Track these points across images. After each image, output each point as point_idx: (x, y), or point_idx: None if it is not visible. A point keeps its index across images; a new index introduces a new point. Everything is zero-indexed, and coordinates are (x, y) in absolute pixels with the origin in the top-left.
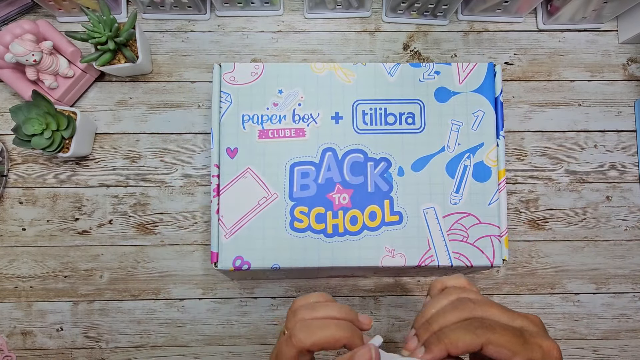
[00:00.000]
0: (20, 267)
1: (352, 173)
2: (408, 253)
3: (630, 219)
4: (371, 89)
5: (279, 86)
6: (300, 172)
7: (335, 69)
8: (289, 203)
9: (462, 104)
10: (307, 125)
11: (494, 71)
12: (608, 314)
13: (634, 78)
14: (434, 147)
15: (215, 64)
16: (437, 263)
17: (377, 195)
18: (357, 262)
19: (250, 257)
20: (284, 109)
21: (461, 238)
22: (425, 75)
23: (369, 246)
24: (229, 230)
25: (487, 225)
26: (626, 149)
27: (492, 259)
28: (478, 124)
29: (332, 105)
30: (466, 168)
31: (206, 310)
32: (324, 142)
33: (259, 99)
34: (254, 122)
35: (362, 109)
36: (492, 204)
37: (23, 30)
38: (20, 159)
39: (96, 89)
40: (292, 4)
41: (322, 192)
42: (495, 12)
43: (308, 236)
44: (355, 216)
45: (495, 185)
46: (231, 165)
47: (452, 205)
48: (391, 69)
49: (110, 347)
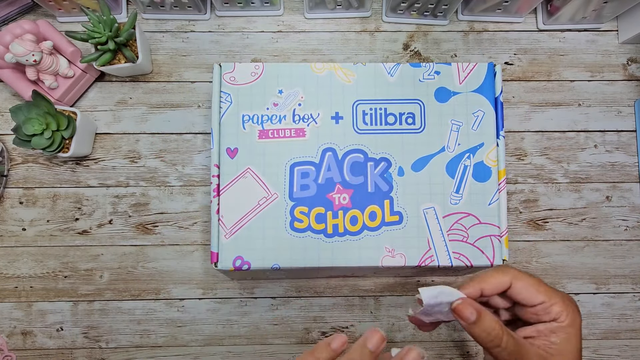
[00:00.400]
0: (20, 267)
1: (352, 173)
2: (408, 253)
3: (630, 219)
4: (371, 89)
5: (279, 86)
6: (300, 172)
7: (335, 69)
8: (289, 203)
9: (462, 104)
10: (307, 125)
11: (494, 71)
12: (608, 314)
13: (634, 78)
14: (434, 147)
15: (215, 64)
16: (437, 263)
17: (377, 195)
18: (357, 262)
19: (250, 257)
20: (284, 109)
21: (461, 238)
22: (425, 75)
23: (369, 246)
24: (229, 230)
25: (487, 225)
26: (626, 149)
27: (492, 259)
28: (478, 124)
29: (332, 105)
30: (466, 168)
31: (206, 310)
32: (324, 142)
33: (259, 99)
34: (254, 122)
35: (362, 109)
36: (492, 204)
37: (23, 30)
38: (20, 159)
39: (96, 89)
40: (292, 4)
41: (322, 192)
42: (495, 12)
43: (308, 236)
44: (355, 216)
45: (496, 185)
46: (231, 165)
47: (452, 205)
48: (391, 69)
49: (110, 347)
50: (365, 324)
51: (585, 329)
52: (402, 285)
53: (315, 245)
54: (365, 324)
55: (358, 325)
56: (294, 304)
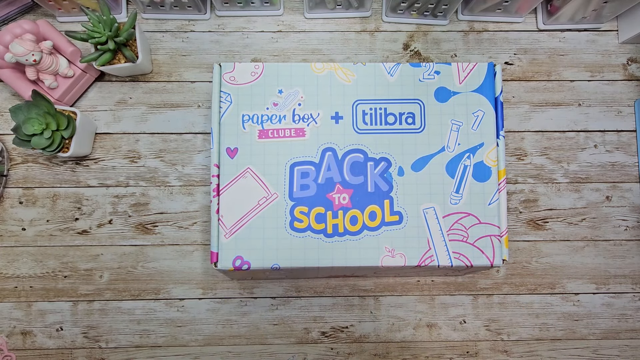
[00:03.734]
0: (20, 267)
1: (352, 173)
2: (408, 253)
3: (630, 219)
4: (371, 88)
5: (279, 86)
6: (300, 172)
7: (335, 69)
8: (289, 203)
9: (462, 103)
10: (307, 125)
11: (494, 71)
12: (608, 314)
13: (634, 78)
14: (434, 147)
15: (215, 64)
16: (437, 263)
17: (377, 195)
18: (357, 262)
19: (250, 257)
20: (284, 108)
21: (461, 238)
22: (425, 75)
23: (369, 246)
24: (229, 230)
25: (487, 225)
26: (626, 149)
27: (492, 259)
28: (478, 124)
29: (332, 105)
30: (466, 168)
31: (206, 310)
32: (324, 142)
33: (259, 98)
34: (254, 122)
35: (362, 109)
36: (492, 204)
37: (23, 30)
38: (20, 158)
39: (96, 89)
40: (292, 3)
41: (322, 192)
42: (495, 12)
43: (308, 236)
44: (355, 216)
45: (495, 185)
46: (231, 165)
47: (452, 205)
48: (391, 69)
49: (110, 347)
50: (365, 323)
51: (585, 329)
52: (402, 285)
53: (315, 245)
54: (366, 324)
55: (358, 325)
56: (294, 304)
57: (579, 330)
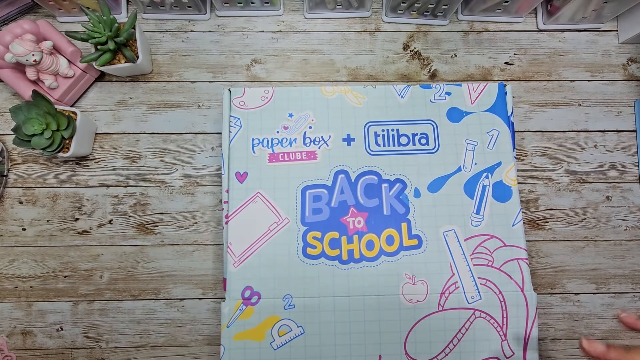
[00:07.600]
0: (20, 267)
1: (367, 195)
2: (430, 279)
3: (630, 219)
4: (382, 110)
5: (289, 109)
6: (312, 196)
7: (345, 92)
8: (301, 228)
9: (476, 123)
10: (319, 148)
11: (504, 91)
12: (608, 314)
13: (634, 78)
14: (450, 167)
15: (225, 89)
16: (462, 290)
17: (394, 217)
18: (375, 291)
19: (261, 287)
20: (295, 132)
21: (486, 262)
22: (436, 96)
23: (388, 273)
24: (238, 259)
25: (512, 247)
26: (626, 149)
27: (522, 285)
28: (494, 142)
29: (344, 128)
30: (485, 188)
31: (206, 310)
32: (336, 164)
33: (269, 122)
34: (264, 146)
35: (374, 131)
36: (515, 225)
37: (23, 30)
38: (20, 159)
39: (96, 89)
40: (292, 4)
41: (336, 216)
42: (495, 12)
43: (322, 263)
44: (371, 240)
45: (518, 205)
46: (240, 190)
47: (473, 227)
48: (402, 91)
49: (110, 347)
50: None
51: (585, 329)
52: None
53: (329, 273)
54: None
55: None
56: None
57: (579, 330)
